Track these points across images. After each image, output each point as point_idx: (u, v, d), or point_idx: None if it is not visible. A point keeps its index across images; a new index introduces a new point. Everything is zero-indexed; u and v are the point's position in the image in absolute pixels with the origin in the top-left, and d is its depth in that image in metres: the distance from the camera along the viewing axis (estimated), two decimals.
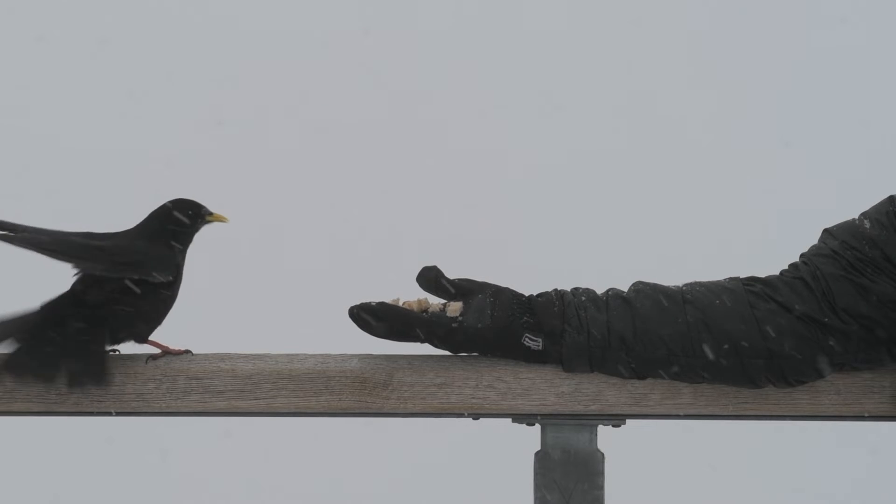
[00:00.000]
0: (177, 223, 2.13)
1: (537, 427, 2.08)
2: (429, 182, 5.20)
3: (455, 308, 2.07)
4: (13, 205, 5.13)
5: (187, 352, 2.10)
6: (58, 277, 2.08)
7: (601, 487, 2.08)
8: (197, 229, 2.16)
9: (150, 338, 2.10)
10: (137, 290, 2.06)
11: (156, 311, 2.09)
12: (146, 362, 2.07)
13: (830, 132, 5.25)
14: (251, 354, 2.10)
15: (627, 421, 2.09)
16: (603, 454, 2.08)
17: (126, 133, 5.26)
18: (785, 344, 2.01)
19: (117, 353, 2.09)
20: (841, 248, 2.04)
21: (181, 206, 2.14)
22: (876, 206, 2.07)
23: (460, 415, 2.07)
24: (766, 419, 2.09)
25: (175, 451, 4.57)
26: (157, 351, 2.09)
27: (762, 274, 2.09)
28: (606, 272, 2.56)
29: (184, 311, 2.14)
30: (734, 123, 5.30)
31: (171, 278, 2.08)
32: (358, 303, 2.07)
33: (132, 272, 2.05)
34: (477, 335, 2.05)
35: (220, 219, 2.17)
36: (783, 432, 4.18)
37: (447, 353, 2.10)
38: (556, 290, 2.09)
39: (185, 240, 2.14)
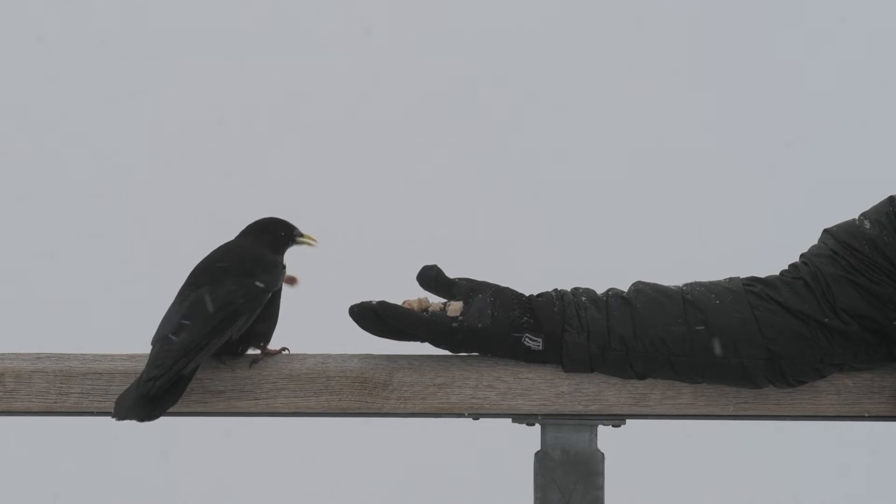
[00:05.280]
0: (276, 240, 2.15)
1: (537, 427, 2.08)
2: (429, 181, 5.20)
3: (455, 308, 2.06)
4: (14, 205, 5.13)
5: (284, 350, 2.10)
6: None
7: (601, 487, 2.07)
8: (286, 248, 2.16)
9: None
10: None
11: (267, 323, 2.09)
12: (249, 366, 2.06)
13: (830, 132, 5.25)
14: (251, 354, 2.10)
15: (627, 421, 2.09)
16: (603, 454, 2.08)
17: (126, 133, 5.26)
18: (785, 344, 2.01)
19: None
20: (841, 248, 2.04)
21: (276, 225, 2.15)
22: (876, 206, 2.07)
23: (460, 415, 2.07)
24: (766, 419, 2.09)
25: (175, 451, 4.56)
26: (256, 352, 2.09)
27: (762, 274, 2.09)
28: (606, 272, 2.56)
29: None
30: (734, 123, 5.30)
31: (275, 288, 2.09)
32: (358, 302, 2.07)
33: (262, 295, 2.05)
34: (477, 335, 2.05)
35: (310, 241, 2.17)
36: (783, 432, 4.17)
37: (447, 353, 2.10)
38: (556, 290, 2.09)
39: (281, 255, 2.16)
